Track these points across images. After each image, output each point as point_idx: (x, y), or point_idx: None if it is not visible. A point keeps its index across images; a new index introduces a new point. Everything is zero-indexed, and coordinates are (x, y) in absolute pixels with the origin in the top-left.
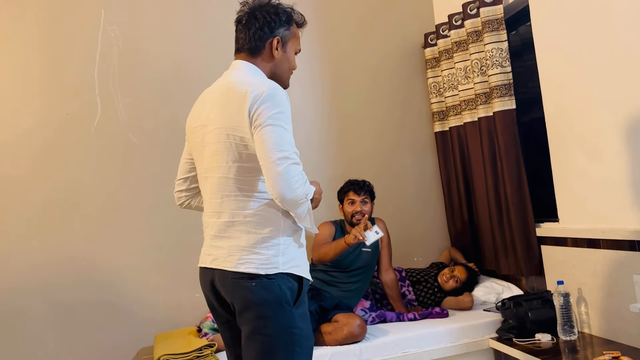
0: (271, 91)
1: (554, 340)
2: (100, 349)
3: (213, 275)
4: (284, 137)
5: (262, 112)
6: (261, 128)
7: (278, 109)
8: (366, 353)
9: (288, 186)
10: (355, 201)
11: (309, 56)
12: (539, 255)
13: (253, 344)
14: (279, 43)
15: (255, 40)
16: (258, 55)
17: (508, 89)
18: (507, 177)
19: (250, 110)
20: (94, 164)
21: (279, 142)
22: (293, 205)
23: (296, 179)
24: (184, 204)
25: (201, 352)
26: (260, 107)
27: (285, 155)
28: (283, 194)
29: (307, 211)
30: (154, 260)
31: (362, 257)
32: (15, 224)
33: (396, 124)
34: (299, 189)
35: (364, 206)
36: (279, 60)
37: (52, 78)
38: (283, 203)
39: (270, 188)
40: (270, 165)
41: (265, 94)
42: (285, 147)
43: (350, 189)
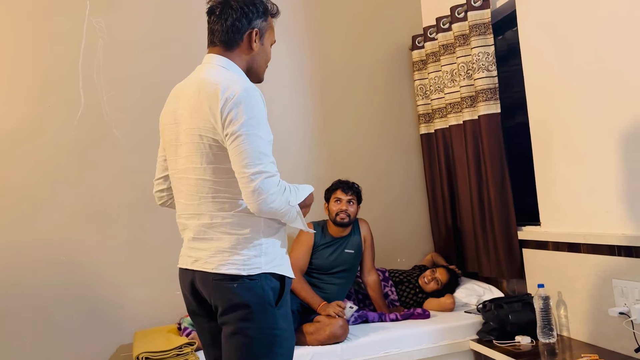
0: (244, 92)
1: (533, 343)
2: (79, 346)
3: (194, 277)
4: (258, 148)
5: (234, 117)
6: (234, 138)
7: (251, 112)
8: (347, 353)
9: (263, 202)
10: (342, 200)
11: (297, 56)
12: (520, 258)
13: (234, 344)
14: (257, 35)
15: (233, 32)
16: (235, 48)
17: (493, 93)
18: (490, 180)
19: (222, 113)
20: (76, 157)
21: (254, 155)
22: (273, 215)
23: (271, 191)
24: (166, 203)
25: (181, 350)
26: (232, 112)
27: (259, 169)
28: (259, 209)
29: (296, 215)
30: (134, 257)
31: (345, 259)
32: None
33: (383, 125)
34: (274, 203)
35: (350, 206)
36: (257, 53)
37: (35, 69)
38: (261, 216)
39: (247, 203)
40: (245, 181)
41: (237, 96)
42: (260, 160)
43: (338, 188)
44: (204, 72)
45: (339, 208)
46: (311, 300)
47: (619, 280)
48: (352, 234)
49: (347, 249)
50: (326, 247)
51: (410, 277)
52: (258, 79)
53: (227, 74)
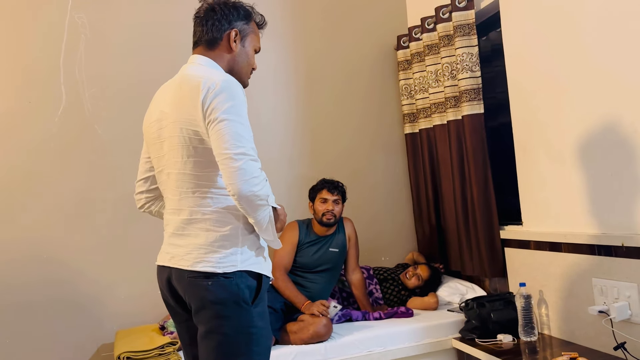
0: (225, 83)
1: (515, 341)
2: (59, 345)
3: (170, 274)
4: (241, 132)
5: (217, 105)
6: (216, 123)
7: (233, 101)
8: (331, 352)
9: (246, 182)
10: (328, 200)
11: (282, 55)
12: (502, 257)
13: (209, 343)
14: (237, 35)
15: (213, 32)
16: (215, 48)
17: (477, 94)
18: (474, 180)
19: (204, 103)
20: (57, 154)
21: (236, 138)
22: (251, 204)
23: (255, 174)
24: (144, 207)
25: (163, 350)
26: (214, 100)
27: (242, 151)
28: (240, 190)
29: (268, 219)
30: (116, 255)
31: (329, 257)
32: None
33: (367, 125)
34: (257, 187)
35: (336, 206)
36: (237, 55)
37: (15, 64)
38: (241, 200)
39: (228, 184)
40: (227, 161)
41: (219, 86)
42: (242, 143)
43: (324, 187)
44: (187, 69)
45: (325, 208)
46: (295, 299)
47: (599, 279)
48: (336, 233)
49: (331, 248)
50: (310, 245)
51: (394, 274)
52: (242, 83)
53: (209, 70)
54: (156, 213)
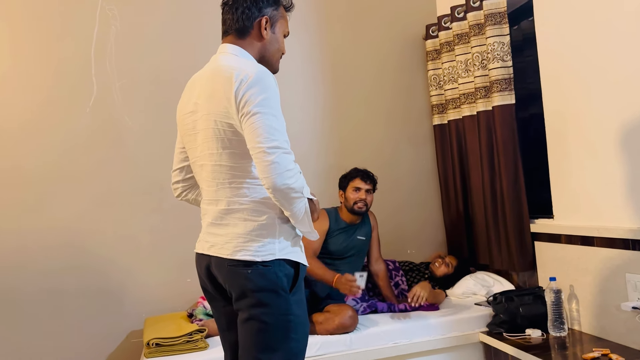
0: (258, 75)
1: (544, 336)
2: (90, 331)
3: (209, 262)
4: (274, 125)
5: (249, 98)
6: (250, 116)
7: (265, 93)
8: (356, 343)
9: (280, 176)
10: (361, 189)
11: (308, 45)
12: (532, 251)
13: (249, 329)
14: (267, 22)
15: (243, 20)
16: (246, 36)
17: (508, 84)
18: (503, 172)
19: (237, 96)
20: (88, 144)
21: (269, 131)
22: (286, 196)
23: (289, 167)
24: (181, 196)
25: (191, 337)
26: (247, 93)
27: (276, 144)
28: (275, 183)
29: (304, 211)
30: (145, 244)
31: (356, 244)
32: (7, 203)
33: (395, 116)
34: (291, 179)
35: (368, 196)
36: (268, 42)
37: (48, 55)
38: (275, 193)
39: (262, 178)
40: (261, 155)
41: (252, 78)
42: (275, 136)
43: (358, 176)
44: (218, 60)
45: (358, 197)
46: (325, 276)
47: (633, 274)
48: (363, 222)
49: (358, 236)
50: (340, 233)
51: (419, 266)
52: (272, 69)
53: (241, 60)
54: (193, 201)
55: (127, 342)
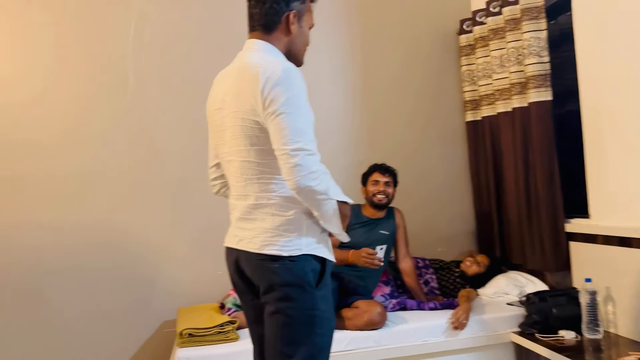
0: (284, 73)
1: (577, 338)
2: (124, 321)
3: (238, 256)
4: (299, 126)
5: (275, 97)
6: (275, 116)
7: (291, 92)
8: (385, 339)
9: (303, 178)
10: (379, 181)
11: (338, 40)
12: (567, 251)
13: (275, 323)
14: (295, 17)
15: (271, 15)
16: (273, 31)
17: (545, 80)
18: (538, 170)
19: (263, 93)
20: (125, 137)
21: (293, 132)
22: (311, 198)
23: (313, 169)
24: (220, 192)
25: (223, 328)
26: (272, 91)
27: (299, 146)
28: (298, 186)
29: (332, 212)
30: (180, 235)
31: (378, 238)
32: (48, 193)
33: (427, 112)
34: (315, 181)
35: (387, 187)
36: (295, 36)
37: (86, 52)
38: (300, 195)
39: (286, 180)
40: (284, 157)
41: (278, 76)
42: (300, 137)
43: (375, 170)
44: (245, 56)
45: (377, 189)
46: (342, 255)
47: None
48: (386, 218)
49: (381, 230)
50: (361, 226)
51: (450, 264)
52: (298, 63)
53: (268, 57)
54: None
55: (161, 331)
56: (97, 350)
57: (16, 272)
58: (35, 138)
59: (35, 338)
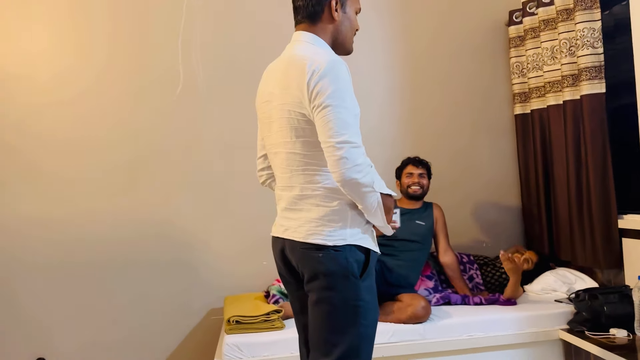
0: (329, 65)
1: (630, 337)
2: (172, 308)
3: (284, 245)
4: (344, 118)
5: (321, 89)
6: (321, 109)
7: (337, 84)
8: (430, 333)
9: (348, 170)
10: (414, 174)
11: (387, 31)
12: (619, 248)
13: (318, 312)
14: (337, 4)
15: (313, 5)
16: (318, 21)
17: (598, 72)
18: (591, 165)
19: (309, 86)
20: (175, 130)
21: (339, 125)
22: (356, 191)
23: (358, 162)
24: (266, 183)
25: (268, 317)
26: (318, 84)
27: (345, 138)
28: (343, 178)
29: (376, 205)
30: (226, 225)
31: (415, 228)
32: (102, 184)
33: (474, 104)
34: (360, 174)
35: (422, 179)
36: (340, 23)
37: (138, 47)
38: (345, 187)
39: (332, 172)
40: (330, 150)
41: (323, 69)
42: (345, 130)
43: (409, 163)
44: (293, 49)
45: (411, 181)
46: None
47: None
48: (423, 209)
49: (418, 221)
50: None
51: (494, 260)
52: (346, 51)
53: (314, 49)
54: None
55: (207, 319)
56: (146, 336)
57: (72, 264)
58: (86, 133)
59: (87, 323)
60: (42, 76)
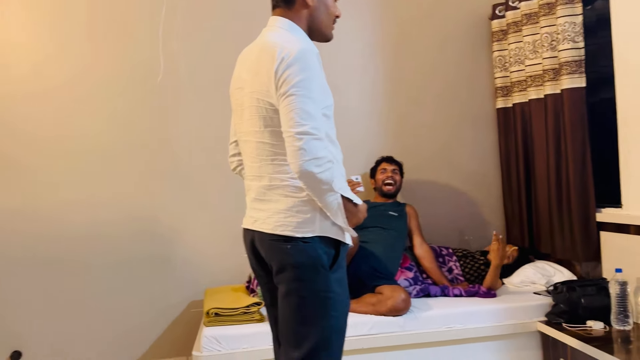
0: (299, 53)
1: (606, 329)
2: (152, 300)
3: (253, 236)
4: (307, 109)
5: (287, 77)
6: (285, 97)
7: (304, 73)
8: (410, 325)
9: (306, 163)
10: (387, 169)
11: (369, 22)
12: (597, 241)
13: (288, 304)
14: None
15: None
16: (292, 6)
17: (579, 66)
18: (570, 159)
19: (277, 74)
20: (155, 121)
21: (301, 115)
22: (313, 185)
23: (319, 155)
24: (236, 170)
25: (248, 309)
26: (286, 72)
27: (306, 129)
28: (300, 170)
29: (336, 206)
30: (207, 217)
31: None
32: (79, 176)
33: (456, 98)
34: (318, 168)
35: (395, 175)
36: (315, 9)
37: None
38: (302, 179)
39: (290, 163)
40: (290, 140)
41: (293, 57)
42: (307, 121)
43: (383, 161)
44: (266, 35)
45: (385, 176)
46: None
47: None
48: (397, 205)
49: (390, 212)
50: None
51: (474, 253)
52: (325, 38)
53: (287, 36)
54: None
55: (188, 311)
56: (125, 328)
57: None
58: (64, 124)
59: (65, 317)
60: (19, 66)
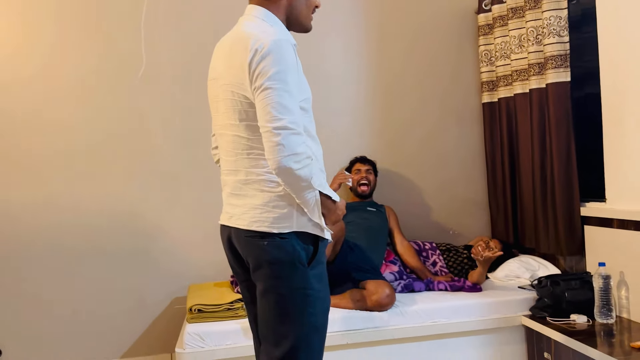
0: (274, 44)
1: (589, 322)
2: (136, 296)
3: (230, 233)
4: (284, 103)
5: (262, 70)
6: (260, 91)
7: (279, 66)
8: (394, 320)
9: (284, 158)
10: (361, 170)
11: (353, 13)
12: (581, 235)
13: (266, 302)
14: None
15: None
16: None
17: (564, 60)
18: (555, 153)
19: (251, 66)
20: (136, 114)
21: (278, 109)
22: (291, 181)
23: (297, 150)
24: (219, 163)
25: (232, 306)
26: (260, 64)
27: (283, 124)
28: (278, 166)
29: (314, 203)
30: (190, 213)
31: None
32: (61, 168)
33: (442, 92)
34: (298, 164)
35: (369, 174)
36: None
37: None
38: (280, 176)
39: (267, 159)
40: (267, 135)
41: (267, 48)
42: (284, 115)
43: (357, 161)
44: (242, 24)
45: (360, 176)
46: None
47: None
48: (374, 203)
49: (369, 207)
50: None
51: (457, 247)
52: (304, 28)
53: (262, 26)
54: None
55: (171, 307)
56: (108, 325)
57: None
58: (43, 116)
59: (45, 313)
60: None
